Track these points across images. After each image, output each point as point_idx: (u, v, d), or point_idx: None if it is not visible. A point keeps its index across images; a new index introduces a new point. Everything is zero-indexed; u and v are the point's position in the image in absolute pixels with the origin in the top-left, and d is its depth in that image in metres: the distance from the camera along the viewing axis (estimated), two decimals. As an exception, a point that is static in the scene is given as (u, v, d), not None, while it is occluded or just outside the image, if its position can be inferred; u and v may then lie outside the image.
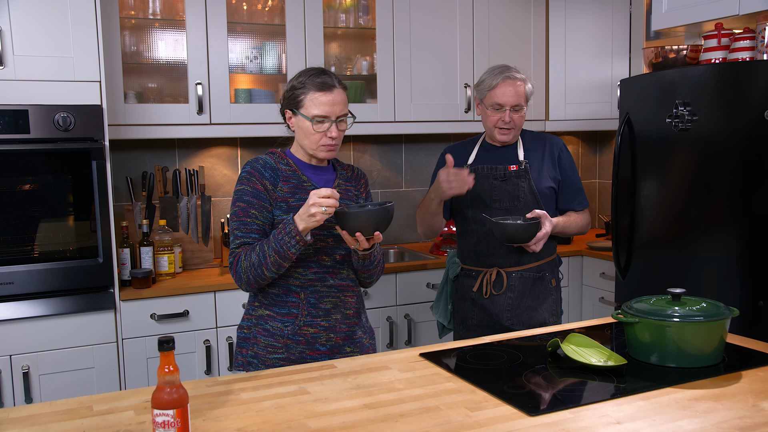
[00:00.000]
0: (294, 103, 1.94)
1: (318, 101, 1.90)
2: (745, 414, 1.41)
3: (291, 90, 1.95)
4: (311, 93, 1.91)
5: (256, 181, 1.93)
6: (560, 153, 2.53)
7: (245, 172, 1.96)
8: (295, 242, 1.81)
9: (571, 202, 2.54)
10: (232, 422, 1.40)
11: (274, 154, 2.01)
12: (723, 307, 1.74)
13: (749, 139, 2.47)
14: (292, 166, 1.98)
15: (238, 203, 1.94)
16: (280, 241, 1.82)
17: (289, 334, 1.95)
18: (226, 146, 3.47)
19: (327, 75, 1.94)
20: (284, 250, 1.82)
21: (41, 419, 1.44)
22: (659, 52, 3.06)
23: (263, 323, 1.98)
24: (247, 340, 2.01)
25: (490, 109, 2.45)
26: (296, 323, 1.95)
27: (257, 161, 1.98)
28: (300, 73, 1.97)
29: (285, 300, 1.97)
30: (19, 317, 2.57)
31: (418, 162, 3.90)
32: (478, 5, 3.59)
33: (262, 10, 3.34)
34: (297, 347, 1.96)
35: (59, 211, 2.68)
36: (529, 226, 2.29)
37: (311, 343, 1.96)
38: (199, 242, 3.28)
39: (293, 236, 1.80)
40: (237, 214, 1.93)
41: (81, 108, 2.62)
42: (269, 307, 1.98)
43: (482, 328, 2.50)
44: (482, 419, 1.40)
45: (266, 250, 1.84)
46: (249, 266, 1.86)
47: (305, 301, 1.96)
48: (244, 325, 2.04)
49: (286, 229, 1.81)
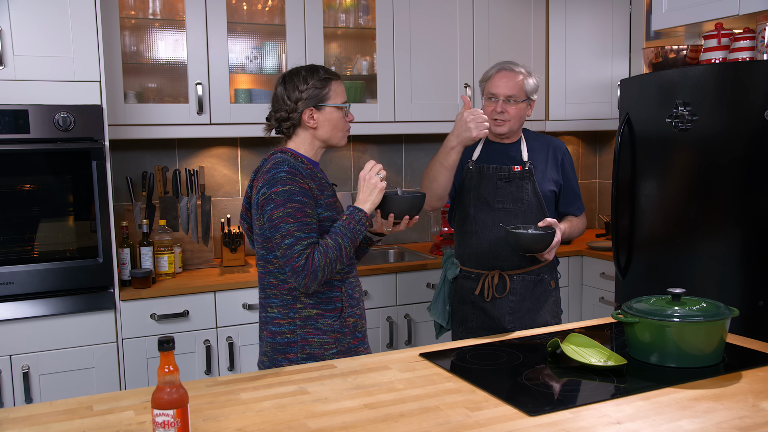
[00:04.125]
0: (319, 98, 1.99)
1: (341, 89, 2.03)
2: (745, 414, 1.41)
3: (312, 88, 1.98)
4: (333, 84, 2.01)
5: (300, 180, 1.91)
6: (563, 157, 2.54)
7: (283, 171, 1.89)
8: (364, 228, 1.92)
9: (571, 206, 2.55)
10: (232, 422, 1.40)
11: (285, 153, 2.00)
12: (723, 307, 1.74)
13: (749, 139, 2.47)
14: (307, 165, 2.00)
15: (290, 204, 1.87)
16: (353, 231, 1.89)
17: (338, 328, 2.00)
18: (226, 146, 3.47)
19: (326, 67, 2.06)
20: (356, 238, 1.90)
21: (41, 419, 1.44)
22: (659, 52, 3.06)
23: (313, 323, 1.98)
24: (292, 344, 1.97)
25: (486, 101, 2.47)
26: (342, 316, 2.01)
27: (286, 162, 1.93)
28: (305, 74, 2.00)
29: (330, 296, 2.00)
30: (19, 317, 2.57)
31: (418, 162, 3.90)
32: (478, 5, 3.59)
33: (262, 10, 3.34)
34: (345, 339, 2.01)
35: (59, 211, 2.68)
36: (545, 236, 2.27)
37: (353, 332, 2.04)
38: (199, 242, 3.28)
39: (363, 222, 1.91)
40: (293, 215, 1.86)
41: (81, 108, 2.62)
42: (316, 306, 1.98)
43: (483, 330, 2.48)
44: (482, 419, 1.40)
45: (341, 243, 1.88)
46: (327, 263, 1.86)
47: (345, 293, 2.02)
48: (284, 330, 1.98)
49: (355, 218, 1.90)
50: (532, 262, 2.48)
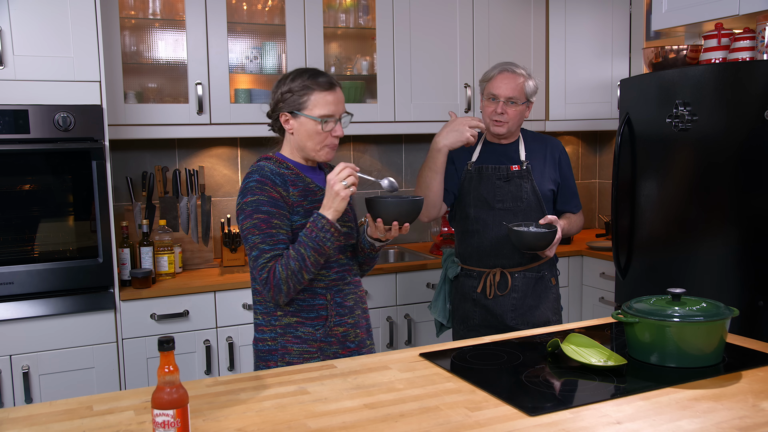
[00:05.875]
0: (295, 105, 1.91)
1: (325, 100, 1.89)
2: (745, 414, 1.41)
3: (289, 93, 1.91)
4: (316, 93, 1.89)
5: (270, 189, 1.87)
6: (560, 155, 2.58)
7: (253, 181, 1.88)
8: (330, 235, 1.81)
9: (569, 204, 2.59)
10: (232, 422, 1.40)
11: (270, 159, 1.97)
12: (723, 307, 1.74)
13: (749, 139, 2.47)
14: (293, 170, 1.95)
15: (257, 215, 1.85)
16: (315, 239, 1.80)
17: (322, 336, 1.94)
18: (226, 146, 3.47)
19: (325, 74, 1.94)
20: (321, 246, 1.80)
21: (41, 419, 1.43)
22: (659, 52, 3.06)
23: (293, 331, 1.94)
24: (273, 352, 1.95)
25: (486, 101, 2.48)
26: (327, 325, 1.94)
27: (262, 169, 1.91)
28: (293, 76, 1.94)
29: (312, 304, 1.94)
30: (19, 317, 2.57)
31: (418, 162, 3.90)
32: (478, 5, 3.59)
33: (262, 10, 3.34)
34: (330, 348, 1.95)
35: (59, 211, 2.68)
36: (547, 234, 2.30)
37: (342, 342, 1.97)
38: (199, 242, 3.28)
39: (327, 229, 1.80)
40: (258, 226, 1.84)
41: (81, 108, 2.62)
42: (296, 314, 1.94)
43: (485, 328, 2.50)
44: (482, 419, 1.40)
45: (303, 253, 1.80)
46: (289, 275, 1.82)
47: (332, 301, 1.95)
48: (266, 337, 1.96)
49: (317, 225, 1.80)
50: (532, 260, 2.50)
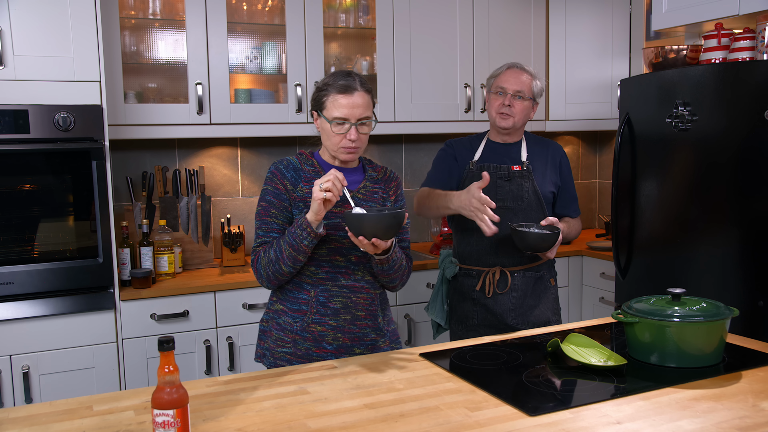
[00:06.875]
0: (318, 105, 1.99)
1: (338, 103, 1.92)
2: (745, 414, 1.41)
3: (316, 92, 2.00)
4: (332, 95, 1.93)
5: (278, 181, 2.00)
6: (561, 159, 2.60)
7: (269, 172, 2.03)
8: (306, 234, 1.85)
9: (568, 208, 2.60)
10: (232, 422, 1.40)
11: (301, 155, 2.06)
12: (723, 307, 1.74)
13: (749, 139, 2.47)
14: (315, 167, 2.02)
15: (261, 203, 2.01)
16: (292, 235, 1.87)
17: (298, 330, 1.99)
18: (226, 146, 3.47)
19: (351, 77, 1.94)
20: (297, 243, 1.86)
21: (41, 419, 1.44)
22: (659, 52, 3.06)
23: (277, 317, 2.05)
24: (265, 333, 2.08)
25: (493, 95, 2.52)
26: (305, 320, 1.99)
27: (281, 162, 2.03)
28: (328, 75, 2.02)
29: (296, 296, 2.01)
30: (19, 317, 2.57)
31: (418, 162, 3.90)
32: (478, 5, 3.59)
33: (262, 10, 3.34)
34: (304, 343, 1.99)
35: (59, 211, 2.68)
36: (550, 236, 2.31)
37: (318, 340, 1.99)
38: (199, 242, 3.28)
39: (304, 228, 1.85)
40: (259, 213, 2.01)
41: (81, 108, 2.62)
42: (283, 302, 2.04)
43: (484, 328, 2.50)
44: (482, 419, 1.40)
45: (281, 245, 1.90)
46: (267, 262, 1.93)
47: (315, 299, 1.99)
48: (264, 318, 2.11)
49: (297, 222, 1.88)
50: (532, 259, 2.50)
